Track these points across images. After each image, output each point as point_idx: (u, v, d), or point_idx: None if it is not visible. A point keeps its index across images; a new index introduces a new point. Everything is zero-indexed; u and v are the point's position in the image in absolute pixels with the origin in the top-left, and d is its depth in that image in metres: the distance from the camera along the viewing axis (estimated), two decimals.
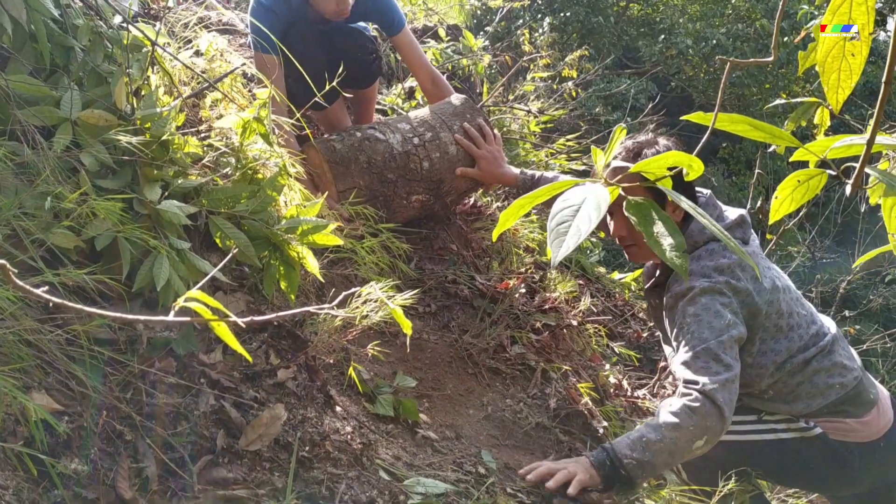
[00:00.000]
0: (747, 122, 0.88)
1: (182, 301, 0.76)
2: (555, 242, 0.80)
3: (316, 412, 1.87)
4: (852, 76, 0.90)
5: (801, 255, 6.63)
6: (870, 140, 0.81)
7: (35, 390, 1.44)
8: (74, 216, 1.53)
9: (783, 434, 2.05)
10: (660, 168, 0.86)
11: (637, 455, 1.86)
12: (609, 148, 0.89)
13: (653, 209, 0.84)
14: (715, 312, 1.94)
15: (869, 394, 2.05)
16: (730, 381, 1.88)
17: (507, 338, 2.62)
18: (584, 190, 0.83)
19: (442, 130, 2.82)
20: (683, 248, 0.81)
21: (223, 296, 1.95)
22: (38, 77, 1.76)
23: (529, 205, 0.89)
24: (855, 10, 0.89)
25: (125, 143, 1.62)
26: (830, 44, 0.90)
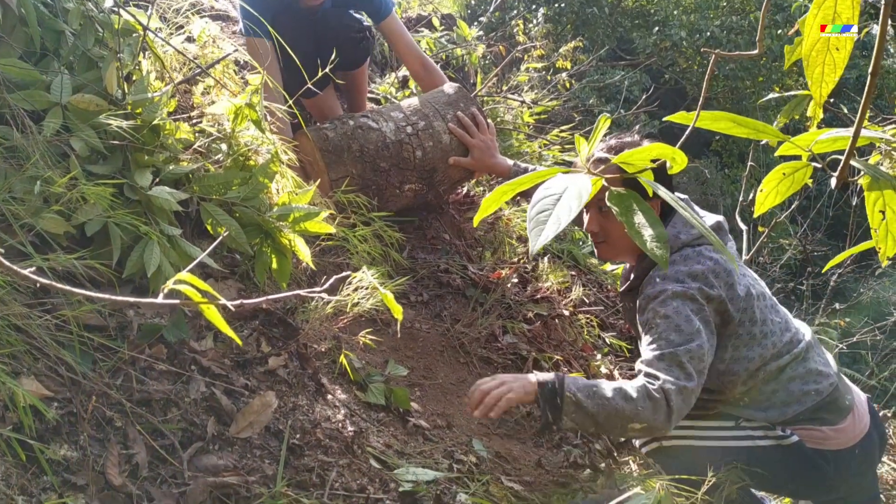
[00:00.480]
0: (730, 119, 0.88)
1: (171, 283, 0.76)
2: (534, 231, 0.80)
3: (307, 400, 1.88)
4: (836, 70, 0.90)
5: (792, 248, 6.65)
6: (855, 132, 0.82)
7: (24, 376, 1.44)
8: (64, 201, 1.52)
9: (760, 441, 2.06)
10: (642, 160, 0.86)
11: (581, 397, 1.89)
12: (593, 137, 0.89)
13: (634, 200, 0.84)
14: (685, 317, 1.93)
15: (844, 399, 2.05)
16: (687, 391, 1.88)
17: (499, 327, 2.63)
18: (567, 179, 0.84)
19: (435, 119, 2.81)
20: (664, 238, 0.81)
21: (214, 283, 1.95)
22: (28, 61, 1.75)
23: (512, 191, 0.89)
24: (840, 4, 0.89)
25: (116, 127, 1.61)
26: (815, 38, 0.91)
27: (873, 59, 0.77)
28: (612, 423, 1.89)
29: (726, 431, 2.09)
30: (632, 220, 0.86)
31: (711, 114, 0.96)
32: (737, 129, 0.94)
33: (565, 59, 6.42)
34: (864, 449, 2.04)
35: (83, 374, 1.53)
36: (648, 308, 2.00)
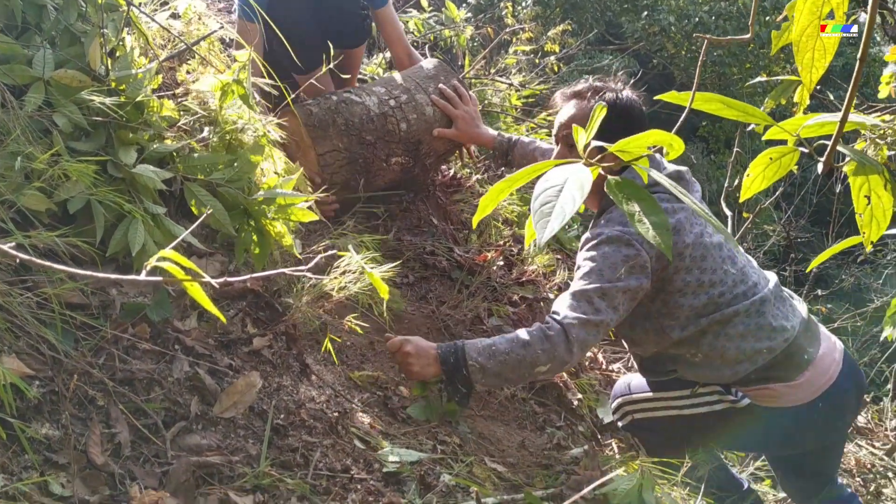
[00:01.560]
0: (721, 101, 0.88)
1: (154, 261, 0.75)
2: (539, 223, 0.80)
3: (291, 380, 1.87)
4: (826, 55, 0.90)
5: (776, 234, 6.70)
6: (842, 118, 0.82)
7: (5, 354, 1.43)
8: (46, 178, 1.50)
9: (716, 406, 2.07)
10: (639, 146, 0.86)
11: (482, 360, 1.93)
12: (590, 126, 0.89)
13: (633, 189, 0.84)
14: (611, 264, 1.94)
15: (802, 354, 2.02)
16: (591, 324, 1.91)
17: (485, 310, 2.64)
18: (566, 170, 0.83)
19: (417, 93, 2.82)
20: (665, 225, 0.81)
21: (198, 261, 1.93)
22: (9, 35, 1.72)
23: (508, 189, 0.89)
24: None
25: (99, 104, 1.59)
26: (805, 23, 0.90)
27: (862, 45, 0.77)
28: (519, 373, 1.95)
29: (684, 400, 2.12)
30: (631, 208, 0.86)
31: (703, 95, 0.96)
32: (727, 111, 0.94)
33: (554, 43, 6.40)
34: (829, 402, 2.02)
35: (65, 352, 1.52)
36: (582, 249, 2.03)
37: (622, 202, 0.87)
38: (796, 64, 0.98)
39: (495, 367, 1.93)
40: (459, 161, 3.34)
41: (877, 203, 0.88)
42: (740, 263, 2.09)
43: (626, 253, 1.94)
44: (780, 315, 2.05)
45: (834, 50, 0.95)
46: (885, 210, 0.86)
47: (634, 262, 1.94)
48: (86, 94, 1.62)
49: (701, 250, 2.00)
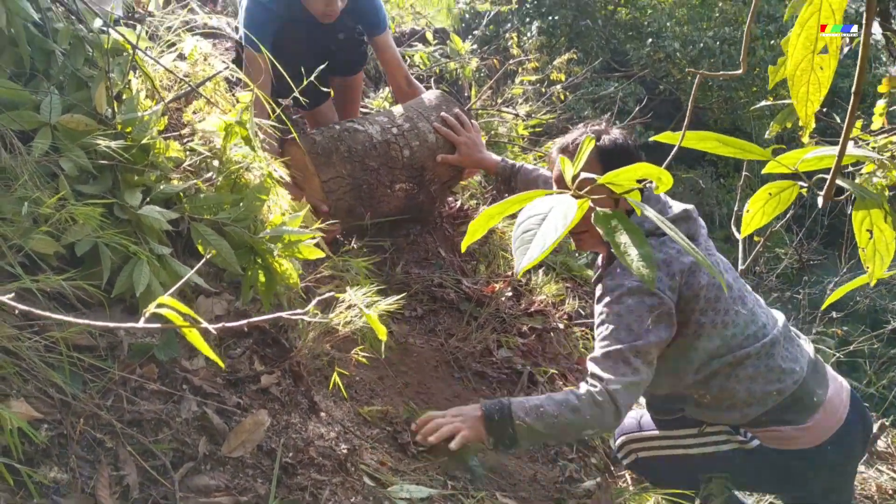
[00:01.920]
0: (716, 139, 0.88)
1: (153, 307, 0.75)
2: (518, 250, 0.80)
3: (300, 418, 1.87)
4: (821, 89, 0.91)
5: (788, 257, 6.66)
6: (840, 152, 0.82)
7: (13, 398, 1.43)
8: (53, 222, 1.52)
9: (723, 446, 2.06)
10: (628, 180, 0.86)
11: (530, 420, 1.93)
12: (578, 158, 0.89)
13: (619, 220, 0.84)
14: (637, 316, 1.93)
15: (812, 397, 2.01)
16: (633, 385, 1.90)
17: (494, 341, 2.63)
18: (552, 200, 0.83)
19: (419, 121, 2.86)
20: (651, 258, 0.81)
21: (205, 299, 1.94)
22: (17, 81, 1.75)
23: (500, 215, 0.89)
24: (823, 22, 0.89)
25: (105, 147, 1.61)
26: (799, 57, 0.91)
27: (856, 79, 0.78)
28: (566, 435, 1.96)
29: (691, 439, 2.10)
30: (618, 240, 0.86)
31: (698, 134, 0.96)
32: (723, 148, 0.94)
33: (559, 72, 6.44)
34: (838, 444, 2.01)
35: (73, 395, 1.52)
36: (604, 300, 2.01)
37: (609, 233, 0.87)
38: (791, 98, 0.98)
39: (543, 428, 1.93)
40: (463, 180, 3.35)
41: (879, 237, 0.88)
42: (750, 304, 2.09)
43: (651, 303, 1.94)
44: (790, 357, 2.04)
45: (828, 83, 0.96)
46: (888, 244, 0.86)
47: (660, 310, 1.93)
48: (92, 138, 1.64)
49: (715, 291, 1.99)
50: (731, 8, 10.52)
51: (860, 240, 0.90)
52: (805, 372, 2.02)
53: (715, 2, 10.79)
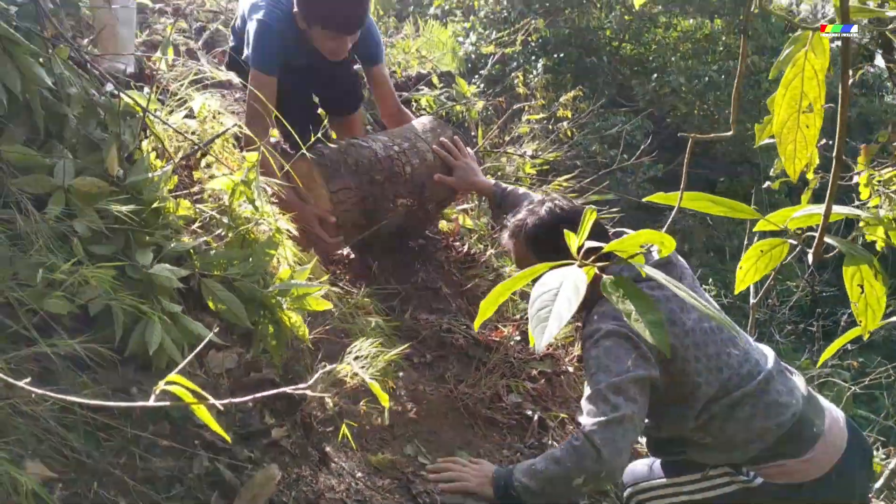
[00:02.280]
0: (708, 199, 0.91)
1: (162, 385, 0.78)
2: (537, 329, 0.83)
3: (311, 470, 1.88)
4: (808, 146, 0.93)
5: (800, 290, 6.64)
6: (826, 211, 0.84)
7: (29, 459, 1.45)
8: (67, 286, 1.55)
9: (727, 488, 2.04)
10: (633, 246, 0.88)
11: (525, 480, 1.98)
12: (581, 230, 0.92)
13: (627, 288, 0.86)
14: (615, 357, 1.94)
15: (811, 428, 2.00)
16: (613, 422, 1.88)
17: (503, 387, 2.63)
18: (561, 273, 0.86)
19: (418, 141, 2.98)
20: (660, 324, 0.83)
21: (216, 353, 1.97)
22: (31, 146, 1.80)
23: (507, 291, 0.92)
24: (806, 84, 0.92)
25: (117, 212, 1.66)
26: (785, 116, 0.94)
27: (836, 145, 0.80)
28: (558, 489, 1.96)
29: (695, 485, 2.08)
30: (627, 308, 0.88)
31: (691, 194, 0.99)
32: (714, 208, 0.97)
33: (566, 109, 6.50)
34: (841, 474, 1.99)
35: (87, 454, 1.54)
36: (584, 348, 2.03)
37: (618, 302, 0.89)
38: (780, 155, 1.01)
39: (537, 486, 1.96)
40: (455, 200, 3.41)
41: (870, 292, 0.90)
42: (741, 343, 2.09)
43: (628, 346, 1.95)
44: (785, 391, 2.03)
45: (815, 141, 0.99)
46: (879, 298, 0.88)
47: (637, 353, 1.94)
48: (104, 202, 1.69)
49: (701, 336, 2.00)
50: (735, 42, 10.61)
51: (852, 294, 0.91)
52: (801, 404, 2.01)
53: (718, 36, 10.90)
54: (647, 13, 10.72)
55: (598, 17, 10.58)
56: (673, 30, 11.27)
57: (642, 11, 10.58)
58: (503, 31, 8.21)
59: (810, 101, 0.96)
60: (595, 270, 0.92)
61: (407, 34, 6.04)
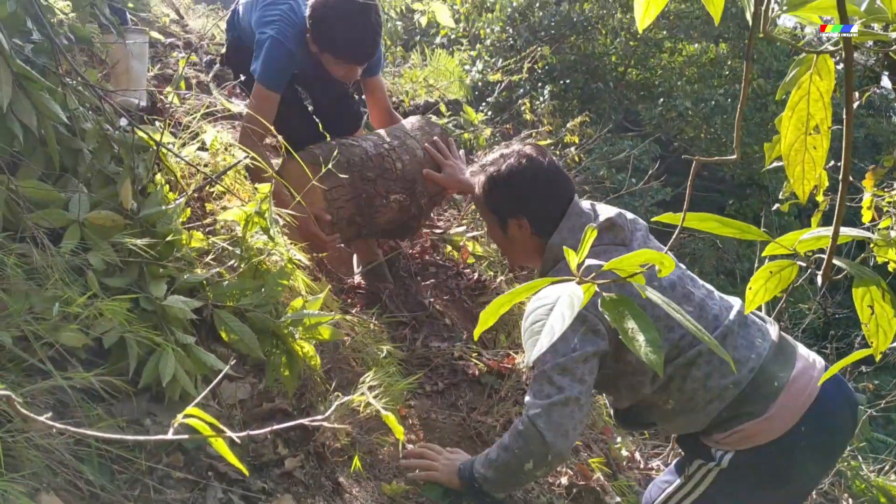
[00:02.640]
0: (715, 220, 0.91)
1: (181, 418, 0.79)
2: (529, 342, 0.83)
3: (324, 500, 1.87)
4: (816, 168, 0.94)
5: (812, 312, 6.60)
6: (834, 233, 0.85)
7: (44, 492, 1.46)
8: (82, 319, 1.57)
9: (707, 479, 2.00)
10: (632, 265, 0.89)
11: (483, 470, 2.03)
12: (582, 248, 0.93)
13: (626, 306, 0.87)
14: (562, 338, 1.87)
15: (772, 383, 1.94)
16: (556, 405, 1.88)
17: (516, 414, 2.62)
18: (559, 289, 0.87)
19: (407, 138, 3.02)
20: (657, 343, 0.84)
21: (228, 384, 1.97)
22: (47, 180, 1.83)
23: (509, 303, 0.92)
24: (812, 105, 0.93)
25: (131, 245, 1.67)
26: (792, 138, 0.95)
27: (842, 167, 0.81)
28: (514, 477, 2.00)
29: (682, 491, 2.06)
30: (624, 326, 0.89)
31: (698, 215, 0.99)
32: (723, 229, 0.98)
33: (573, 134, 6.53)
34: (813, 424, 1.92)
35: (102, 486, 1.54)
36: None
37: (617, 320, 0.89)
38: (788, 177, 1.01)
39: (493, 474, 2.01)
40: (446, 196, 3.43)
41: (881, 312, 0.90)
42: (697, 299, 2.03)
43: (575, 323, 1.81)
44: (744, 345, 1.98)
45: (822, 162, 0.99)
46: (890, 319, 0.88)
47: (585, 327, 1.91)
48: (118, 236, 1.70)
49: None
50: (741, 65, 10.66)
51: (862, 316, 0.92)
52: (763, 358, 1.95)
53: (724, 59, 10.95)
54: (652, 38, 10.79)
55: (603, 43, 10.66)
56: (678, 54, 11.34)
57: (647, 37, 10.65)
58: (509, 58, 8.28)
59: (816, 122, 0.97)
60: (595, 288, 0.92)
61: (414, 63, 6.10)
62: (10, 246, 1.61)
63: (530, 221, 2.13)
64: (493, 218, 2.22)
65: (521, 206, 2.15)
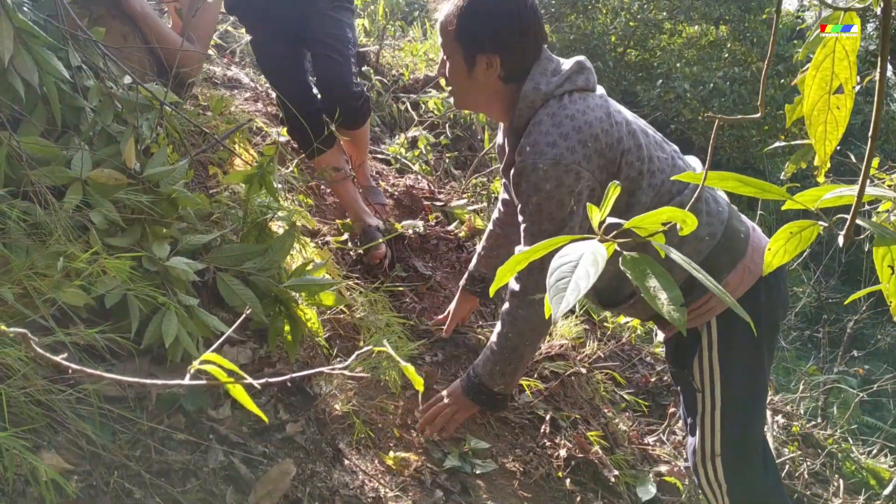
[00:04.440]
0: (737, 179, 0.90)
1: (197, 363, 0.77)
2: (555, 298, 0.82)
3: (325, 466, 1.87)
4: (839, 128, 0.93)
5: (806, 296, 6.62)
6: (860, 191, 0.84)
7: (45, 450, 1.45)
8: (85, 276, 1.55)
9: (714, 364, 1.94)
10: (654, 223, 0.88)
11: (489, 368, 2.04)
12: (604, 204, 0.91)
13: (648, 264, 0.86)
14: (558, 202, 1.81)
15: (738, 235, 1.92)
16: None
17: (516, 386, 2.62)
18: (582, 246, 0.85)
19: None
20: (680, 301, 0.82)
21: (230, 348, 1.96)
22: (49, 138, 1.80)
23: (526, 260, 0.90)
24: (837, 64, 0.92)
25: (135, 201, 1.65)
26: (815, 97, 0.93)
27: (873, 123, 0.80)
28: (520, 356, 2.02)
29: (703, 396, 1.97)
30: (646, 284, 0.87)
31: (718, 174, 0.98)
32: (743, 188, 0.96)
33: None
34: (769, 283, 1.93)
35: (103, 446, 1.54)
36: (521, 187, 1.87)
37: (639, 278, 0.88)
38: (809, 137, 1.00)
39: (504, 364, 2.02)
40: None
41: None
42: (668, 150, 1.98)
43: (570, 183, 1.80)
44: (712, 198, 1.95)
45: (845, 122, 0.98)
46: None
47: (580, 187, 1.82)
48: (121, 193, 1.68)
49: (634, 140, 1.89)
50: (740, 48, 10.63)
51: (882, 276, 0.90)
52: (726, 213, 1.94)
53: (724, 42, 10.92)
54: (652, 19, 10.74)
55: (603, 22, 10.60)
56: (678, 36, 11.30)
57: (647, 17, 10.60)
58: None
59: (841, 81, 0.95)
60: (615, 247, 0.91)
61: (415, 37, 6.04)
62: (12, 201, 1.59)
63: (502, 62, 1.92)
64: (458, 51, 1.95)
65: (498, 43, 1.91)
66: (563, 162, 1.79)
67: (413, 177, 3.79)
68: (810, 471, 3.41)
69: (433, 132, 4.46)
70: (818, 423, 4.10)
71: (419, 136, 4.17)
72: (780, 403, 3.98)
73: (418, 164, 3.98)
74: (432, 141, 4.23)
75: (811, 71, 0.96)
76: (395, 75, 5.08)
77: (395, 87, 4.91)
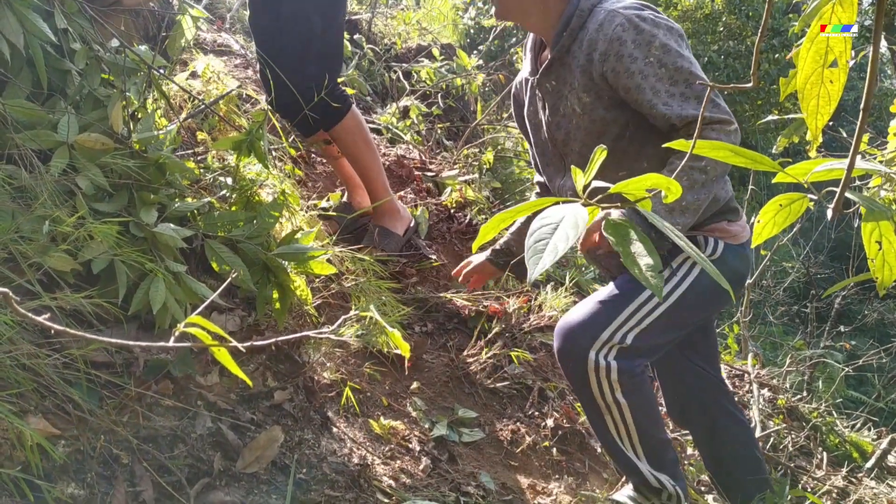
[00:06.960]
0: (729, 149, 0.89)
1: (182, 326, 0.77)
2: (532, 259, 0.81)
3: (313, 434, 1.88)
4: (831, 102, 0.92)
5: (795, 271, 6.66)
6: (850, 165, 0.83)
7: (32, 414, 1.45)
8: (72, 240, 1.54)
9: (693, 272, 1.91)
10: (639, 189, 0.87)
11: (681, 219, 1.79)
12: (589, 168, 0.91)
13: (634, 230, 0.85)
14: (678, 35, 1.82)
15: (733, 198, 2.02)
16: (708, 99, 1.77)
17: (504, 357, 2.63)
18: (563, 209, 0.85)
19: None
20: (659, 268, 0.82)
21: (218, 315, 1.96)
22: (35, 101, 1.78)
23: (511, 218, 0.90)
24: (832, 39, 0.91)
25: (122, 165, 1.64)
26: (809, 71, 0.92)
27: (865, 96, 0.79)
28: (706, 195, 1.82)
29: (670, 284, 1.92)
30: (628, 249, 0.87)
31: (710, 143, 0.97)
32: (735, 158, 0.96)
33: None
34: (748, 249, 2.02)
35: (90, 411, 1.53)
36: (628, 48, 1.80)
37: (619, 244, 0.88)
38: (802, 111, 0.99)
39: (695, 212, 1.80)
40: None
41: (888, 248, 0.89)
42: None
43: (668, 25, 1.83)
44: None
45: (838, 97, 0.97)
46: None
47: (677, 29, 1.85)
48: (108, 157, 1.66)
49: None
50: (736, 22, 10.56)
51: (869, 251, 0.91)
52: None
53: (719, 16, 10.84)
54: None
55: None
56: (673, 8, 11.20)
57: None
58: None
59: (836, 55, 0.95)
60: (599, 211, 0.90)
61: (407, 5, 5.98)
62: None
63: None
64: None
65: None
66: (657, 19, 1.82)
67: (404, 147, 3.77)
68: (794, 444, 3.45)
69: (425, 102, 4.43)
70: (804, 396, 4.14)
71: (411, 105, 4.14)
72: (766, 377, 4.02)
73: (410, 134, 3.96)
74: (424, 111, 4.20)
75: (806, 43, 0.95)
76: (388, 44, 5.03)
77: (387, 56, 4.87)
